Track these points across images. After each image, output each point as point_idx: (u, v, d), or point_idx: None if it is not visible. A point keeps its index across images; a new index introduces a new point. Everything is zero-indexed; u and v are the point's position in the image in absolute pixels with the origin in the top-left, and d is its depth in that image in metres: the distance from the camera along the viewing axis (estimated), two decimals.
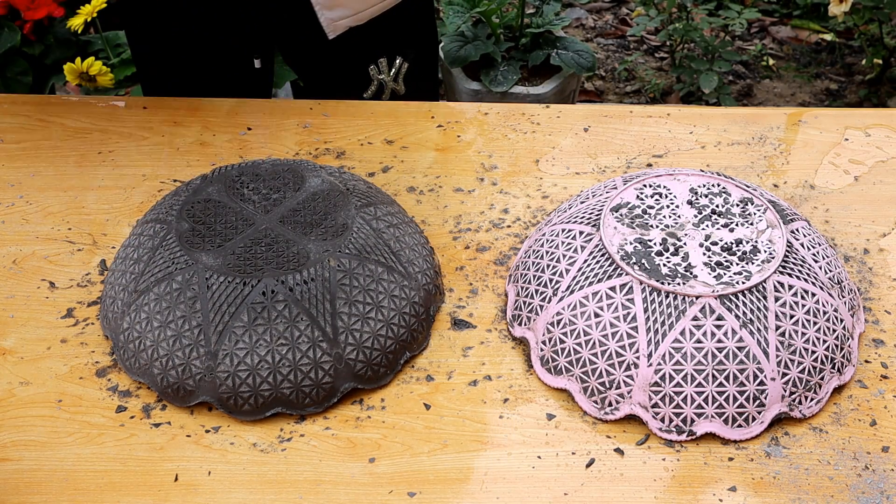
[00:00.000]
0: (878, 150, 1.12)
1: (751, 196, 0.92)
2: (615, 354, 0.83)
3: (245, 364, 0.82)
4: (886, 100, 2.51)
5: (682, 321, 0.81)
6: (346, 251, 0.87)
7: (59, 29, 1.83)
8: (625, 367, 0.82)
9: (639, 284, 0.83)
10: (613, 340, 0.83)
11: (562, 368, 0.85)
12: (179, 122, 1.14)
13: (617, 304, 0.83)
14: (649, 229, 0.88)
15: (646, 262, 0.85)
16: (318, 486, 0.80)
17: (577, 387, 0.84)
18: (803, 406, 0.83)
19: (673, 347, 0.81)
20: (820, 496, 0.79)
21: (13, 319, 0.92)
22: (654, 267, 0.85)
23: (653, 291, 0.83)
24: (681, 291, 0.82)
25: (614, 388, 0.83)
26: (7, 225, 1.01)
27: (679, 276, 0.84)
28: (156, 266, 0.86)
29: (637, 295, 0.83)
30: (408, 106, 1.17)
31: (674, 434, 0.82)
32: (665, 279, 0.84)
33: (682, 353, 0.81)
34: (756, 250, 0.86)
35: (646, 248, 0.87)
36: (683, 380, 0.81)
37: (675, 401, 0.81)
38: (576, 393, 0.84)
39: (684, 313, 0.82)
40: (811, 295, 0.84)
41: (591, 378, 0.83)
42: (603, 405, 0.83)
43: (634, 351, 0.82)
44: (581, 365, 0.84)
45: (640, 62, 2.61)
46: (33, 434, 0.83)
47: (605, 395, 0.83)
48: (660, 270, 0.85)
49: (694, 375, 0.81)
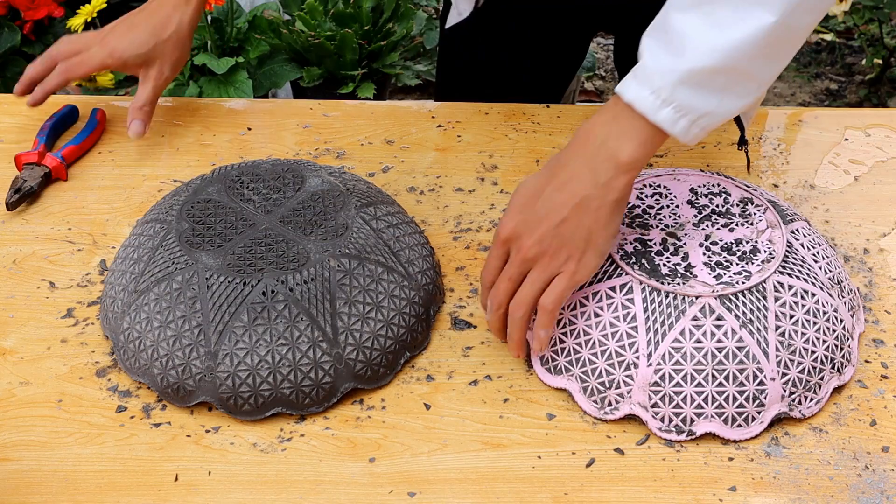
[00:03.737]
0: (878, 150, 1.11)
1: (751, 196, 0.92)
2: (615, 354, 0.83)
3: (245, 364, 0.82)
4: (886, 100, 2.51)
5: (681, 321, 0.81)
6: (346, 251, 0.87)
7: (59, 29, 1.83)
8: (624, 367, 0.82)
9: (639, 284, 0.83)
10: (613, 340, 0.83)
11: (561, 368, 0.85)
12: (179, 122, 1.14)
13: (617, 303, 0.83)
14: (649, 229, 0.88)
15: (646, 262, 0.85)
16: (318, 486, 0.80)
17: (577, 386, 0.84)
18: (803, 406, 0.83)
19: (673, 347, 0.81)
20: (820, 496, 0.79)
21: (13, 319, 0.92)
22: (654, 267, 0.85)
23: (653, 291, 0.83)
24: (681, 291, 0.82)
25: (614, 387, 0.83)
26: (7, 225, 1.01)
27: (679, 276, 0.84)
28: (156, 266, 0.86)
29: (637, 295, 0.83)
30: (408, 106, 1.17)
31: (673, 434, 0.82)
32: (665, 279, 0.84)
33: (682, 352, 0.81)
34: (756, 250, 0.86)
35: (646, 248, 0.87)
36: (683, 380, 0.81)
37: (674, 400, 0.81)
38: (575, 393, 0.84)
39: (684, 313, 0.82)
40: (811, 295, 0.84)
41: (591, 378, 0.83)
42: (602, 405, 0.83)
43: (634, 351, 0.82)
44: (581, 365, 0.84)
45: None
46: (33, 434, 0.83)
47: (605, 394, 0.83)
48: (660, 270, 0.85)
49: (693, 375, 0.81)
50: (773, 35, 0.75)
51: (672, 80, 0.76)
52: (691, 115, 0.77)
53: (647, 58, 0.77)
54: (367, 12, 1.92)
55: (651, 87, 0.77)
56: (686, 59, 0.75)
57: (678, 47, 0.76)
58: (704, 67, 0.75)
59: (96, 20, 1.72)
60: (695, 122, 0.77)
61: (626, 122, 0.78)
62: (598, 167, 0.79)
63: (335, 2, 1.94)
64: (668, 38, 0.76)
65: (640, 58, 0.78)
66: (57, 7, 1.77)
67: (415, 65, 2.24)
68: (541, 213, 0.80)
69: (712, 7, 0.75)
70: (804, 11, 0.75)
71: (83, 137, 1.09)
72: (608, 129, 0.79)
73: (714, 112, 0.77)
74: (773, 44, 0.76)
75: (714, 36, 0.75)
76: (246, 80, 1.72)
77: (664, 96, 0.76)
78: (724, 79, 0.76)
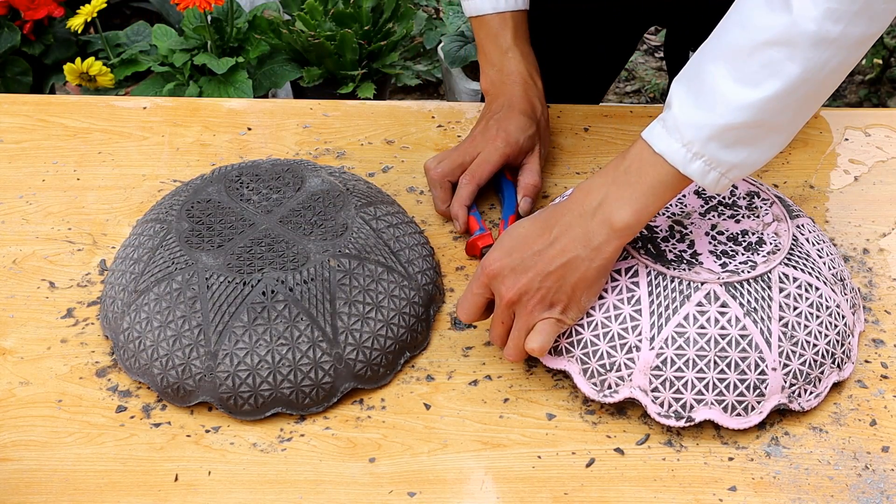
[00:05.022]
0: (878, 150, 1.12)
1: (757, 190, 0.92)
2: (617, 336, 0.82)
3: (245, 364, 0.82)
4: (886, 100, 2.51)
5: (686, 306, 0.81)
6: (346, 251, 0.87)
7: (59, 29, 1.83)
8: (626, 350, 0.82)
9: (644, 268, 0.83)
10: (616, 322, 0.83)
11: (562, 349, 0.85)
12: (179, 122, 1.14)
13: (621, 286, 0.83)
14: (655, 216, 0.88)
15: (651, 247, 0.85)
16: (318, 486, 0.80)
17: (577, 368, 0.84)
18: (802, 399, 0.83)
19: (676, 332, 0.81)
20: (820, 496, 0.79)
21: (13, 319, 0.92)
22: (660, 252, 0.85)
23: (658, 275, 0.83)
24: (686, 277, 0.82)
25: (614, 370, 0.82)
26: (7, 225, 1.01)
27: (685, 262, 0.84)
28: (156, 266, 0.86)
29: (642, 278, 0.83)
30: (408, 106, 1.17)
31: (672, 419, 0.82)
32: (671, 264, 0.84)
33: (685, 337, 0.81)
34: (762, 241, 0.87)
35: (652, 234, 0.87)
36: (685, 365, 0.81)
37: (675, 385, 0.81)
38: (575, 374, 0.84)
39: (689, 298, 0.82)
40: (815, 289, 0.84)
41: (592, 360, 0.83)
42: (602, 387, 0.83)
43: (637, 334, 0.82)
44: (582, 346, 0.84)
45: (640, 62, 2.61)
46: (33, 434, 0.83)
47: (605, 377, 0.83)
48: (665, 256, 0.85)
49: (696, 361, 0.81)
50: (802, 89, 0.75)
51: (703, 135, 0.76)
52: (721, 168, 0.78)
53: (677, 109, 0.78)
54: (367, 12, 1.92)
55: (682, 141, 0.77)
56: (717, 115, 0.76)
57: (709, 102, 0.76)
58: (734, 124, 0.76)
59: (96, 20, 1.72)
60: (724, 174, 0.78)
61: (627, 187, 0.79)
62: (592, 229, 0.80)
63: (335, 2, 1.94)
64: (699, 89, 0.77)
65: (669, 106, 0.78)
66: (57, 7, 1.77)
67: (415, 65, 2.24)
68: (527, 262, 0.81)
69: (743, 62, 0.75)
70: (833, 64, 0.75)
71: (513, 203, 1.01)
72: (607, 191, 0.80)
73: (743, 164, 0.78)
74: (803, 97, 0.76)
75: (744, 93, 0.75)
76: (246, 80, 1.72)
77: (695, 150, 0.77)
78: (754, 133, 0.77)
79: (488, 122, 1.02)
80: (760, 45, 0.74)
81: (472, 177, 0.99)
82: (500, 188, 1.03)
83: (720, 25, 0.78)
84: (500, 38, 1.04)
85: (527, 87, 1.03)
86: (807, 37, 0.73)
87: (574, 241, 0.80)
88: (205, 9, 1.60)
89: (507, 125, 1.01)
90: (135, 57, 1.77)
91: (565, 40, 1.21)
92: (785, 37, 0.73)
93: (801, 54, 0.73)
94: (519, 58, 1.04)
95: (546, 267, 0.80)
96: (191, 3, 1.59)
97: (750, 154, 0.78)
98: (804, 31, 0.72)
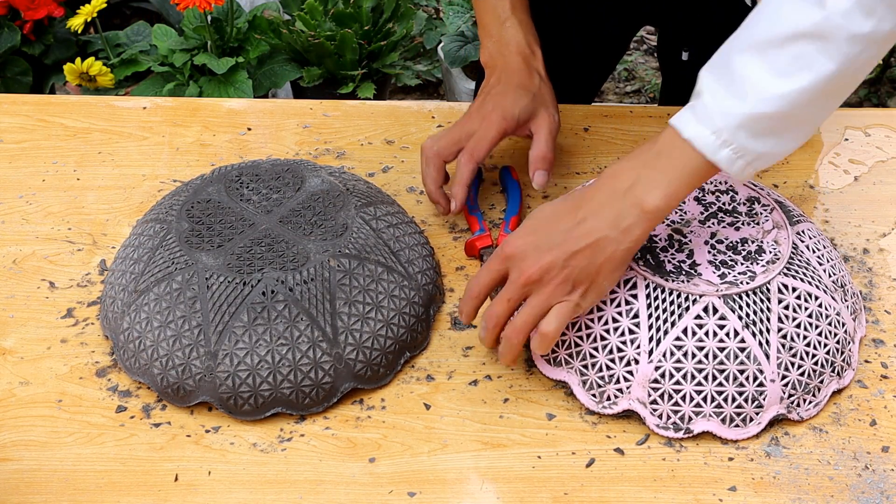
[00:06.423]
0: (878, 150, 1.12)
1: (758, 195, 0.92)
2: (616, 349, 0.82)
3: (245, 364, 0.82)
4: (886, 100, 2.51)
5: (684, 319, 0.81)
6: (346, 251, 0.87)
7: (59, 29, 1.83)
8: (625, 363, 0.82)
9: (643, 280, 0.83)
10: (615, 335, 0.83)
11: (561, 360, 0.85)
12: (179, 122, 1.14)
13: (620, 298, 0.83)
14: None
15: (651, 258, 0.85)
16: (318, 486, 0.80)
17: (577, 379, 0.84)
18: (801, 409, 0.83)
19: (674, 345, 0.81)
20: (820, 496, 0.79)
21: (13, 319, 0.92)
22: (659, 263, 0.85)
23: (657, 288, 0.83)
24: (685, 289, 0.82)
25: (613, 382, 0.83)
26: (7, 225, 1.01)
27: (683, 274, 0.84)
28: (156, 266, 0.86)
29: (641, 291, 0.83)
30: (408, 106, 1.17)
31: (671, 431, 0.82)
32: (669, 276, 0.84)
33: (684, 351, 0.81)
34: (761, 250, 0.86)
35: (651, 244, 0.87)
36: (683, 378, 0.81)
37: (673, 398, 0.81)
38: (574, 386, 0.84)
39: (687, 311, 0.82)
40: (814, 298, 0.84)
41: (591, 371, 0.83)
42: (601, 399, 0.83)
43: (635, 347, 0.82)
44: (581, 358, 0.84)
45: (640, 62, 2.61)
46: (33, 434, 0.83)
47: (604, 389, 0.83)
48: (664, 267, 0.85)
49: (694, 374, 0.81)
50: (832, 83, 0.76)
51: (733, 123, 0.76)
52: (748, 157, 0.78)
53: (707, 96, 0.78)
54: (367, 12, 1.92)
55: (712, 128, 0.77)
56: (748, 104, 0.76)
57: (740, 91, 0.76)
58: (765, 113, 0.76)
59: (96, 20, 1.73)
60: (750, 163, 0.78)
61: (658, 171, 0.79)
62: (622, 210, 0.79)
63: (335, 2, 1.94)
64: (730, 78, 0.77)
65: (699, 94, 0.79)
66: (57, 7, 1.77)
67: (415, 65, 2.24)
68: (554, 240, 0.80)
69: (775, 54, 0.75)
70: (863, 58, 0.76)
71: (517, 204, 1.02)
72: (638, 174, 0.80)
73: (770, 153, 0.79)
74: (832, 90, 0.77)
75: (776, 84, 0.75)
76: (246, 80, 1.72)
77: (724, 137, 0.77)
78: (783, 124, 0.77)
79: (485, 98, 1.01)
80: (792, 38, 0.75)
81: (471, 156, 0.99)
82: (506, 187, 1.03)
83: (750, 17, 0.79)
84: (498, 9, 1.03)
85: (525, 57, 1.03)
86: (841, 32, 0.73)
87: (603, 222, 0.79)
88: (205, 9, 1.60)
89: (502, 100, 1.00)
90: (135, 57, 1.77)
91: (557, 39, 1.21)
92: (818, 30, 0.74)
93: (836, 48, 0.74)
94: (517, 27, 1.03)
95: (573, 245, 0.79)
96: (191, 3, 1.59)
97: (776, 144, 0.78)
98: (838, 25, 0.73)
